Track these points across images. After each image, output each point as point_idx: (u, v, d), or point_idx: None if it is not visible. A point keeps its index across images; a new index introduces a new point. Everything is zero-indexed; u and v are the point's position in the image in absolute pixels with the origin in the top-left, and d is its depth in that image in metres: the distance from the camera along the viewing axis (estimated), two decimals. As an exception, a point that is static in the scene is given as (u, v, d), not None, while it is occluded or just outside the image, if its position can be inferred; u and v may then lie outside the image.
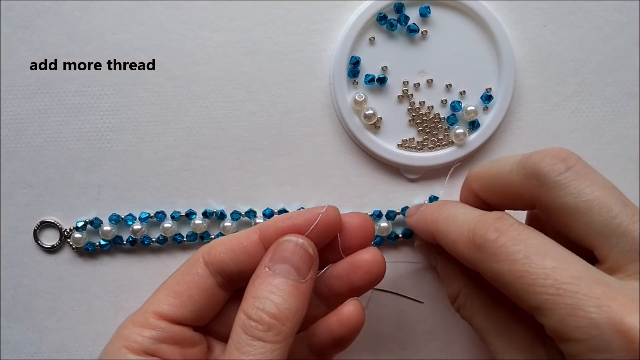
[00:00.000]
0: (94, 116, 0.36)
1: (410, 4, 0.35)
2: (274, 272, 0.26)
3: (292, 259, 0.27)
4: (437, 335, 0.36)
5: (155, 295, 0.28)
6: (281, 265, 0.26)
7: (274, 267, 0.26)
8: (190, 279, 0.28)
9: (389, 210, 0.36)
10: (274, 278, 0.26)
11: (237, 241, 0.29)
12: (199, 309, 0.28)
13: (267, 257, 0.27)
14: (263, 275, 0.26)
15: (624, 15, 0.36)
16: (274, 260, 0.27)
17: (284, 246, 0.27)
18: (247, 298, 0.26)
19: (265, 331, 0.25)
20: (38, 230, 0.36)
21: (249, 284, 0.27)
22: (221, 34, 0.35)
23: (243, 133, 0.36)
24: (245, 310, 0.25)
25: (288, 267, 0.26)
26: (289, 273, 0.26)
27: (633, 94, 0.36)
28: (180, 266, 0.29)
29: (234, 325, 0.25)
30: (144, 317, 0.28)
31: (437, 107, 0.36)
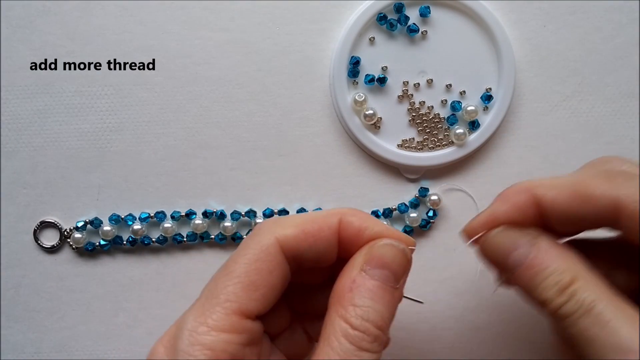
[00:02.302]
0: (94, 116, 0.36)
1: (410, 4, 0.35)
2: (372, 277, 0.25)
3: (392, 265, 0.25)
4: (437, 335, 0.36)
5: (228, 289, 0.24)
6: (379, 271, 0.25)
7: (372, 272, 0.25)
8: (267, 267, 0.25)
9: (385, 209, 0.36)
10: (373, 284, 0.25)
11: (316, 227, 0.26)
12: (276, 299, 0.25)
13: (360, 258, 0.25)
14: (360, 280, 0.25)
15: (624, 15, 0.36)
16: (372, 264, 0.25)
17: (384, 250, 0.25)
18: (345, 305, 0.24)
19: (372, 342, 0.24)
20: (38, 230, 0.36)
21: (340, 285, 0.25)
22: (221, 34, 0.35)
23: (243, 133, 0.36)
24: (347, 319, 0.24)
25: (387, 273, 0.25)
26: (387, 279, 0.25)
27: (633, 94, 0.36)
28: (240, 249, 0.26)
29: (334, 333, 0.24)
30: (227, 319, 0.24)
31: (437, 107, 0.36)
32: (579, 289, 0.24)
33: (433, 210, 0.36)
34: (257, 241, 0.25)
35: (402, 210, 0.36)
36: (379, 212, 0.36)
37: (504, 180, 0.36)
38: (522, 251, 0.26)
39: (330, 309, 0.25)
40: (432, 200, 0.36)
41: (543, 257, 0.25)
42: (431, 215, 0.36)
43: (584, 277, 0.24)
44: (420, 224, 0.36)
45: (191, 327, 0.24)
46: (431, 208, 0.36)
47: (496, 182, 0.36)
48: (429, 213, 0.36)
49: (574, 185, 0.24)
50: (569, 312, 0.24)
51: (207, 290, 0.25)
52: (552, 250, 0.25)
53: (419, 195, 0.36)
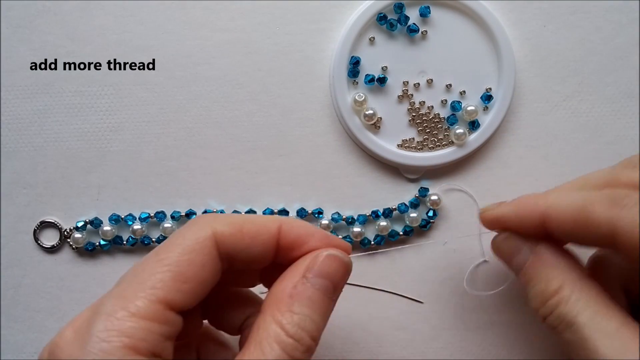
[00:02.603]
0: (94, 116, 0.36)
1: (410, 4, 0.35)
2: (313, 285, 0.25)
3: (335, 276, 0.25)
4: (437, 335, 0.36)
5: (156, 277, 0.23)
6: (322, 281, 0.25)
7: (314, 281, 0.25)
8: (200, 260, 0.24)
9: (384, 209, 0.36)
10: (314, 293, 0.24)
11: (255, 228, 0.25)
12: (202, 297, 0.24)
13: (304, 265, 0.25)
14: (302, 287, 0.24)
15: (624, 15, 0.36)
16: (316, 273, 0.25)
17: (329, 261, 0.25)
18: (283, 310, 0.24)
19: (304, 352, 0.24)
20: (38, 230, 0.36)
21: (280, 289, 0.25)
22: (221, 34, 0.35)
23: (243, 133, 0.36)
24: (283, 325, 0.23)
25: (328, 284, 0.25)
26: (327, 291, 0.25)
27: (633, 94, 0.36)
28: (174, 237, 0.25)
29: (267, 337, 0.23)
30: (152, 307, 0.22)
31: (437, 107, 0.36)
32: (562, 302, 0.24)
33: (433, 210, 0.36)
34: (194, 232, 0.24)
35: (402, 210, 0.36)
36: (379, 212, 0.36)
37: (504, 180, 0.36)
38: (522, 257, 0.27)
39: (265, 312, 0.24)
40: (432, 200, 0.36)
41: (536, 264, 0.26)
42: (431, 215, 0.36)
43: (571, 288, 0.25)
44: (420, 224, 0.36)
45: (109, 310, 0.22)
46: (431, 208, 0.36)
47: (496, 182, 0.36)
48: (429, 213, 0.36)
49: (578, 209, 0.24)
50: (552, 324, 0.25)
51: (132, 274, 0.24)
52: (548, 258, 0.26)
53: (419, 195, 0.36)
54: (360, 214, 0.36)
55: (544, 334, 0.36)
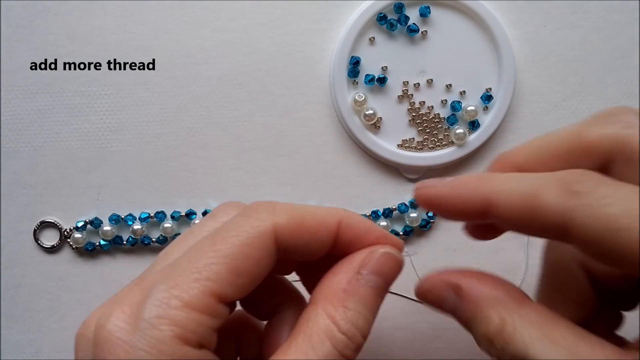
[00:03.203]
0: (94, 116, 0.36)
1: (410, 4, 0.35)
2: (367, 283, 0.24)
3: (389, 275, 0.25)
4: (437, 335, 0.36)
5: (212, 268, 0.22)
6: (376, 278, 0.24)
7: (368, 277, 0.24)
8: (257, 255, 0.22)
9: (385, 209, 0.36)
10: (367, 290, 0.24)
11: (316, 223, 0.24)
12: (253, 288, 0.23)
13: (358, 261, 0.24)
14: (356, 283, 0.24)
15: (624, 15, 0.36)
16: (371, 270, 0.24)
17: (384, 259, 0.25)
18: (336, 305, 0.23)
19: (354, 350, 0.23)
20: (38, 230, 0.36)
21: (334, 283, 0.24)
22: (221, 34, 0.35)
23: (243, 133, 0.36)
24: (336, 320, 0.22)
25: (381, 282, 0.24)
26: (380, 289, 0.24)
27: (633, 94, 0.36)
28: (232, 227, 0.23)
29: (318, 331, 0.22)
30: (205, 299, 0.21)
31: (437, 107, 0.36)
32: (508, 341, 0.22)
33: (433, 210, 0.36)
34: (253, 224, 0.23)
35: (402, 210, 0.36)
36: (379, 212, 0.36)
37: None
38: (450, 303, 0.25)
39: (316, 304, 0.23)
40: (432, 200, 0.36)
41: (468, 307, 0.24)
42: (431, 215, 0.36)
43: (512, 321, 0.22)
44: (420, 224, 0.36)
45: (162, 297, 0.21)
46: (431, 208, 0.36)
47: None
48: (429, 213, 0.36)
49: (526, 197, 0.21)
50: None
51: (186, 259, 0.22)
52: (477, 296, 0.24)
53: (419, 195, 0.36)
54: (360, 214, 0.36)
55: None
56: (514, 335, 0.22)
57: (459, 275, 0.24)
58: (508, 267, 0.36)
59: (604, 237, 0.19)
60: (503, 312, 0.22)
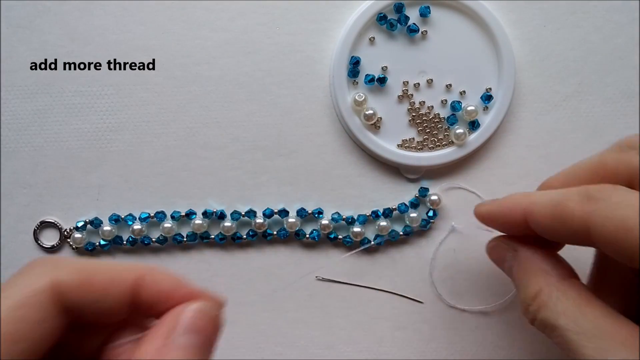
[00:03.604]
0: (94, 116, 0.36)
1: (410, 4, 0.35)
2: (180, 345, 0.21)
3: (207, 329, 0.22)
4: (437, 335, 0.36)
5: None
6: (191, 337, 0.21)
7: (181, 340, 0.21)
8: (35, 316, 0.20)
9: (385, 209, 0.36)
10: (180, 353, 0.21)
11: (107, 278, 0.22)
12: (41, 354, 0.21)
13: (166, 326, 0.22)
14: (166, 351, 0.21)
15: (624, 15, 0.36)
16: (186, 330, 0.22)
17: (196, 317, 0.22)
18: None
19: None
20: (38, 230, 0.36)
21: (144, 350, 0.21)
22: (221, 34, 0.35)
23: (243, 133, 0.36)
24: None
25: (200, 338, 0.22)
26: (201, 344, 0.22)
27: (633, 94, 0.36)
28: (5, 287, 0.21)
29: None
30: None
31: (437, 107, 0.36)
32: (542, 307, 0.24)
33: (433, 210, 0.36)
34: (28, 283, 0.20)
35: (402, 210, 0.36)
36: (379, 212, 0.36)
37: (504, 181, 0.36)
38: (507, 264, 0.28)
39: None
40: (432, 200, 0.36)
41: (517, 271, 0.27)
42: (431, 215, 0.36)
43: (549, 292, 0.24)
44: (420, 224, 0.36)
45: None
46: (431, 208, 0.36)
47: (496, 182, 0.36)
48: (429, 213, 0.36)
49: (555, 205, 0.24)
50: (538, 328, 0.25)
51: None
52: (526, 263, 0.26)
53: (419, 195, 0.36)
54: (360, 214, 0.36)
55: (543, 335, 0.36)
56: (548, 303, 0.24)
57: (519, 241, 0.27)
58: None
59: (619, 237, 0.21)
60: (542, 282, 0.25)
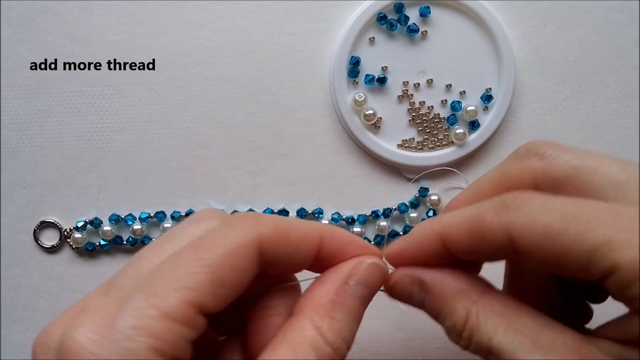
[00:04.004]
0: (94, 116, 0.36)
1: (410, 4, 0.35)
2: (355, 294, 0.24)
3: (375, 285, 0.24)
4: (437, 335, 0.36)
5: (194, 277, 0.20)
6: (362, 289, 0.24)
7: (355, 288, 0.24)
8: (241, 265, 0.21)
9: (384, 209, 0.36)
10: (354, 301, 0.24)
11: (300, 235, 0.23)
12: (234, 299, 0.22)
13: (345, 272, 0.24)
14: (344, 295, 0.23)
15: (624, 15, 0.36)
16: (358, 281, 0.24)
17: (372, 269, 0.24)
18: (323, 315, 0.22)
19: (335, 358, 0.22)
20: (38, 230, 0.36)
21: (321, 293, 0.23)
22: (221, 34, 0.35)
23: (243, 133, 0.36)
24: (321, 330, 0.22)
25: (368, 293, 0.24)
26: (366, 299, 0.24)
27: (633, 94, 0.36)
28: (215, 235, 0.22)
29: (302, 342, 0.22)
30: (186, 310, 0.20)
31: (437, 107, 0.36)
32: (474, 331, 0.23)
33: (433, 210, 0.36)
34: (238, 233, 0.22)
35: (402, 210, 0.36)
36: (379, 212, 0.36)
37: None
38: (417, 298, 0.25)
39: (301, 314, 0.23)
40: (432, 200, 0.36)
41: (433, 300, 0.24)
42: (431, 215, 0.36)
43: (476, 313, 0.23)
44: (420, 224, 0.36)
45: (140, 307, 0.19)
46: (431, 208, 0.36)
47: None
48: (429, 213, 0.36)
49: (471, 222, 0.22)
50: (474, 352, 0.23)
51: (166, 267, 0.21)
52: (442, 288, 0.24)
53: (419, 195, 0.36)
54: (360, 214, 0.36)
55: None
56: (478, 325, 0.22)
57: (421, 269, 0.25)
58: (508, 267, 0.36)
59: (544, 245, 0.20)
60: (467, 303, 0.23)
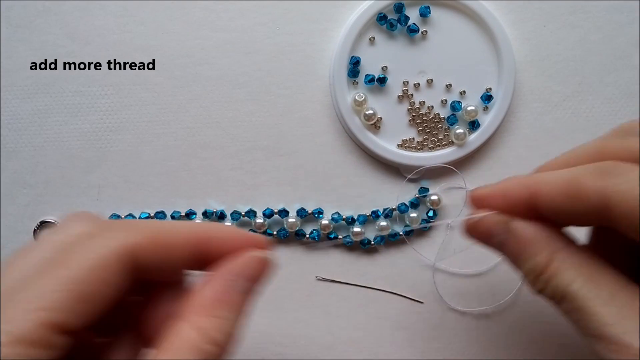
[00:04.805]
0: (94, 116, 0.36)
1: (410, 4, 0.35)
2: (236, 289, 0.23)
3: (258, 277, 0.24)
4: (437, 335, 0.36)
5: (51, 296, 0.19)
6: (247, 284, 0.23)
7: (238, 284, 0.23)
8: (105, 278, 0.20)
9: (385, 209, 0.36)
10: (237, 296, 0.23)
11: (172, 239, 0.23)
12: (103, 312, 0.21)
13: (226, 269, 0.23)
14: (227, 291, 0.23)
15: (624, 15, 0.36)
16: (243, 276, 0.23)
17: (255, 263, 0.24)
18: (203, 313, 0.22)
19: (219, 355, 0.22)
20: (38, 230, 0.36)
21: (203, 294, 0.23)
22: (221, 34, 0.35)
23: (243, 133, 0.36)
24: (203, 330, 0.21)
25: (252, 286, 0.24)
26: (249, 292, 0.24)
27: (633, 94, 0.36)
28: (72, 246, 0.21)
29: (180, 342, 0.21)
30: (42, 332, 0.19)
31: (437, 107, 0.36)
32: (554, 274, 0.23)
33: (433, 210, 0.36)
34: (103, 244, 0.21)
35: (402, 210, 0.36)
36: (379, 212, 0.36)
37: (504, 180, 0.36)
38: (497, 239, 0.25)
39: (182, 318, 0.22)
40: (432, 200, 0.36)
41: (516, 242, 0.25)
42: (431, 215, 0.36)
43: (560, 258, 0.23)
44: (420, 224, 0.36)
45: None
46: (431, 208, 0.36)
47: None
48: (429, 213, 0.36)
49: (568, 182, 0.23)
50: (548, 298, 0.24)
51: (19, 284, 0.20)
52: (527, 232, 0.25)
53: (419, 195, 0.36)
54: (360, 214, 0.36)
55: (543, 334, 0.36)
56: (559, 271, 0.23)
57: (508, 215, 0.25)
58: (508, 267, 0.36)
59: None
60: (551, 249, 0.24)
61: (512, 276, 0.36)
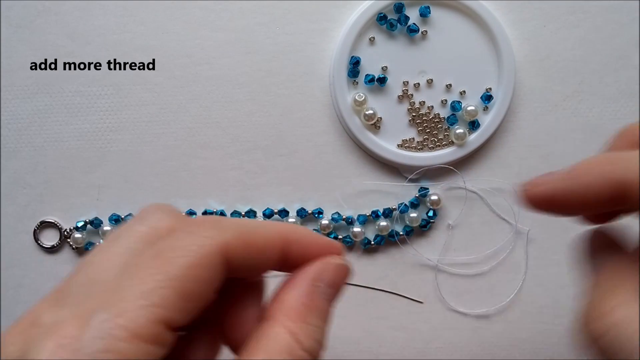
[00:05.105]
0: (94, 116, 0.36)
1: (410, 4, 0.35)
2: (323, 295, 0.24)
3: (341, 284, 0.24)
4: (437, 335, 0.36)
5: (160, 292, 0.19)
6: (330, 290, 0.24)
7: (324, 290, 0.23)
8: (207, 276, 0.21)
9: (385, 209, 0.36)
10: (324, 304, 0.23)
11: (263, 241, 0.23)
12: (201, 311, 0.21)
13: (312, 274, 0.24)
14: (315, 297, 0.23)
15: (624, 15, 0.36)
16: (326, 283, 0.24)
17: (338, 270, 0.24)
18: (296, 320, 0.22)
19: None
20: (38, 230, 0.36)
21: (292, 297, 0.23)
22: (221, 34, 0.35)
23: (243, 133, 0.36)
24: (297, 336, 0.22)
25: (334, 293, 0.24)
26: (332, 299, 0.24)
27: (633, 94, 0.36)
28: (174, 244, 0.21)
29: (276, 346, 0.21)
30: (153, 328, 0.19)
31: (437, 107, 0.36)
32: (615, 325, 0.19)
33: (433, 210, 0.36)
34: (200, 243, 0.21)
35: (402, 210, 0.36)
36: (379, 212, 0.36)
37: (504, 181, 0.36)
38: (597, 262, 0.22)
39: (274, 320, 0.22)
40: (432, 200, 0.36)
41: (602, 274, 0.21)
42: (431, 215, 0.36)
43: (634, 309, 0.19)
44: (420, 224, 0.36)
45: (107, 328, 0.18)
46: (431, 208, 0.36)
47: (496, 182, 0.36)
48: (429, 213, 0.36)
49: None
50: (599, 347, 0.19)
51: (127, 278, 0.20)
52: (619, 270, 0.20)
53: (419, 195, 0.36)
54: (360, 214, 0.36)
55: (543, 334, 0.36)
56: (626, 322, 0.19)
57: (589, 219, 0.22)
58: (508, 267, 0.36)
59: None
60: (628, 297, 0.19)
61: (513, 276, 0.36)
